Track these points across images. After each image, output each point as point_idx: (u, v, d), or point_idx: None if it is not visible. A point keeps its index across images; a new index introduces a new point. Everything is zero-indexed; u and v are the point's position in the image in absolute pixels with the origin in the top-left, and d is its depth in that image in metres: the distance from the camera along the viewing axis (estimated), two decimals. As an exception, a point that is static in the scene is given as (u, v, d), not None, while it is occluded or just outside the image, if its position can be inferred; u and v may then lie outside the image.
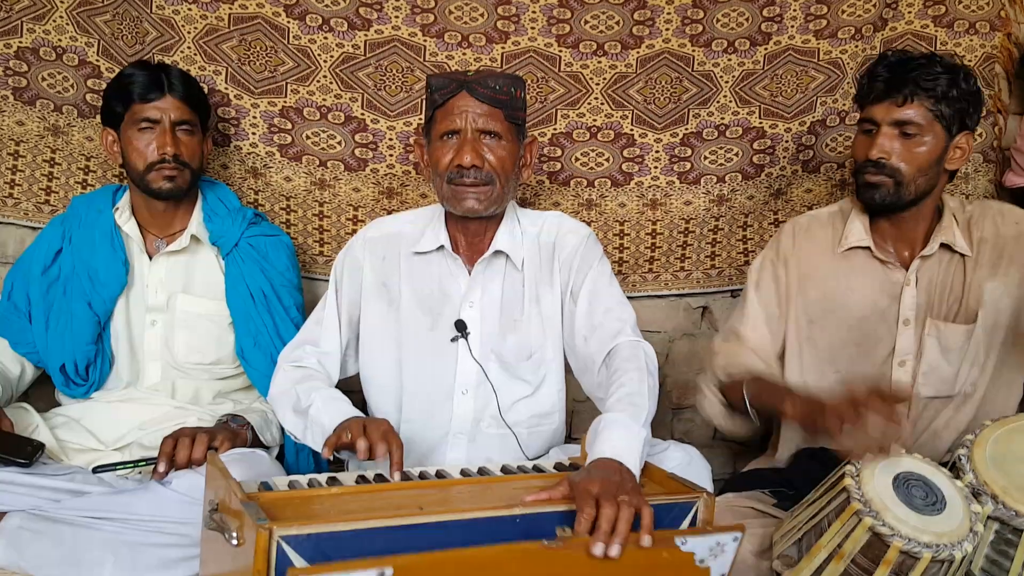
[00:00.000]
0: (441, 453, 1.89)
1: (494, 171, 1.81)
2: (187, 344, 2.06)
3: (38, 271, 2.04)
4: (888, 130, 1.86)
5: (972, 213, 1.98)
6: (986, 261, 1.93)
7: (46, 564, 1.63)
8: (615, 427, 1.53)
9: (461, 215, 1.85)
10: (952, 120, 1.85)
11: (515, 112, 1.84)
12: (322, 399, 1.75)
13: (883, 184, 1.87)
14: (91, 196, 2.13)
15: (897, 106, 1.84)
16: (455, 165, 1.79)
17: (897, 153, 1.85)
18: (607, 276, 1.91)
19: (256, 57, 2.27)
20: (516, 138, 1.86)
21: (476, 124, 1.79)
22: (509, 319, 1.89)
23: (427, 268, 1.92)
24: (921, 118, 1.84)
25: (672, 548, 1.33)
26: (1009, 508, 1.53)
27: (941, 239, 1.93)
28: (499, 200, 1.84)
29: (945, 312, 1.93)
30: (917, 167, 1.86)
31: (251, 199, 2.35)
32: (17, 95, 2.24)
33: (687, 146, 2.42)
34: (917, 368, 1.93)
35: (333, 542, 1.21)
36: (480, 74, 1.83)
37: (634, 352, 1.74)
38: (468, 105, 1.79)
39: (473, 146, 1.79)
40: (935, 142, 1.86)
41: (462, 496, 1.47)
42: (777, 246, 2.06)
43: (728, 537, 1.37)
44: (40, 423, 1.95)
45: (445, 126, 1.81)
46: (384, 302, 1.92)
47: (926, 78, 1.82)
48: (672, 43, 2.36)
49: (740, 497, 1.90)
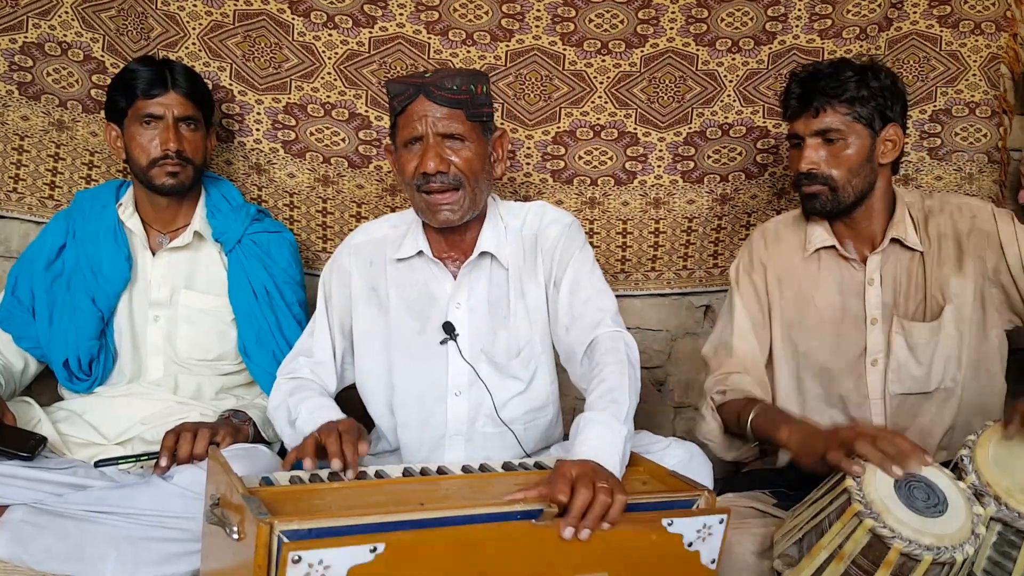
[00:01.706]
0: (440, 455, 1.88)
1: (461, 173, 1.78)
2: (189, 340, 2.06)
3: (42, 266, 2.05)
4: (812, 141, 1.91)
5: (931, 207, 1.99)
6: (948, 256, 1.94)
7: (48, 558, 1.63)
8: (595, 426, 1.52)
9: (439, 227, 1.84)
10: (872, 117, 1.90)
11: (478, 110, 1.80)
12: (307, 410, 1.75)
13: (820, 193, 1.93)
14: (95, 191, 2.14)
15: (813, 117, 1.90)
16: (420, 172, 1.77)
17: (825, 161, 1.91)
18: (588, 264, 1.89)
19: (260, 53, 2.27)
20: (482, 135, 1.82)
21: (436, 128, 1.76)
22: (497, 317, 1.88)
23: (411, 273, 1.91)
24: (838, 123, 1.89)
25: (660, 529, 1.34)
26: (1012, 510, 1.52)
27: (892, 234, 1.95)
28: (473, 204, 1.82)
29: (912, 310, 1.95)
30: (848, 169, 1.90)
31: (255, 195, 2.35)
32: (22, 90, 2.24)
33: (691, 145, 2.42)
34: (887, 366, 1.94)
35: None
36: (438, 75, 1.78)
37: (615, 344, 1.73)
38: (427, 110, 1.75)
39: (436, 151, 1.76)
40: (860, 142, 1.90)
41: (463, 492, 1.47)
42: (749, 253, 2.09)
43: (714, 519, 1.37)
44: (42, 417, 1.95)
45: (407, 133, 1.78)
46: (374, 307, 1.92)
47: (833, 85, 1.87)
48: (676, 42, 2.36)
49: (741, 497, 1.90)
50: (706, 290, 2.54)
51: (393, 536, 1.20)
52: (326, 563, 1.16)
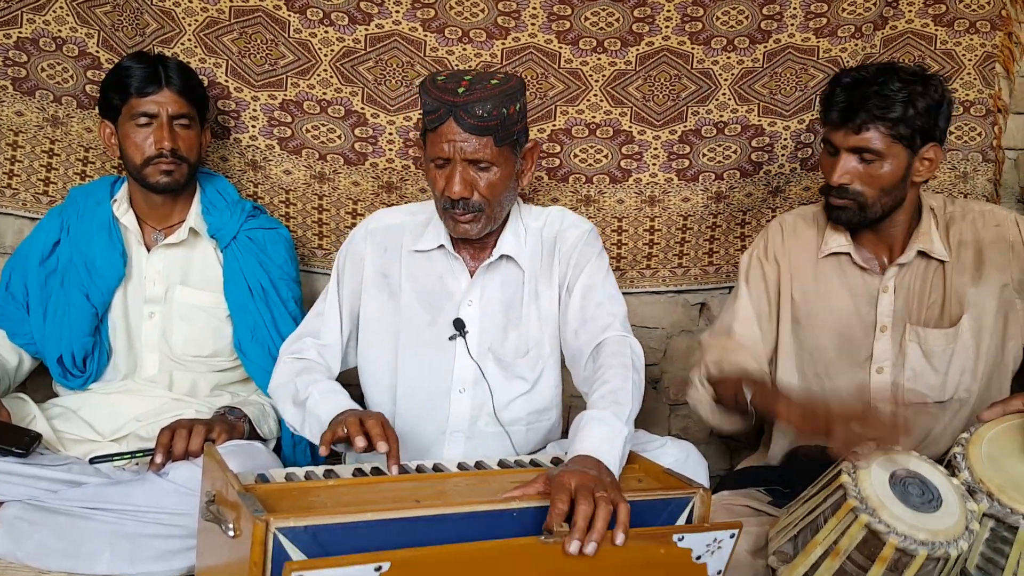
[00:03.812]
0: (438, 450, 1.88)
1: (484, 199, 1.77)
2: (185, 336, 2.05)
3: (36, 262, 2.04)
4: (848, 155, 1.83)
5: (953, 214, 1.96)
6: (968, 265, 1.91)
7: (43, 555, 1.63)
8: (596, 424, 1.52)
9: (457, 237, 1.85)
10: (913, 137, 1.81)
11: (508, 131, 1.76)
12: (320, 391, 1.74)
13: (847, 207, 1.87)
14: (89, 187, 2.13)
15: (854, 133, 1.81)
16: (446, 196, 1.77)
17: (858, 177, 1.84)
18: (603, 271, 1.90)
19: (256, 50, 2.27)
20: (511, 156, 1.80)
21: (464, 154, 1.74)
22: (509, 318, 1.88)
23: (429, 264, 1.91)
24: (879, 143, 1.80)
25: (669, 545, 1.33)
26: (1005, 506, 1.53)
27: (918, 246, 1.91)
28: (493, 220, 1.82)
29: (925, 317, 1.92)
30: (879, 189, 1.84)
31: (250, 192, 2.35)
32: (16, 85, 2.23)
33: (686, 143, 2.42)
34: (899, 375, 1.91)
35: (329, 534, 1.22)
36: (471, 95, 1.70)
37: (620, 348, 1.73)
38: (455, 135, 1.73)
39: (462, 176, 1.75)
40: (896, 163, 1.82)
41: (459, 489, 1.47)
42: (765, 244, 2.05)
43: (725, 534, 1.36)
44: (37, 413, 1.95)
45: (435, 152, 1.77)
46: (385, 293, 1.91)
47: (880, 105, 1.78)
48: (672, 40, 2.36)
49: (735, 495, 1.90)
50: (701, 288, 2.54)
51: (398, 555, 1.18)
52: None
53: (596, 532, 1.26)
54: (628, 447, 1.54)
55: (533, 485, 1.37)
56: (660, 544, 1.33)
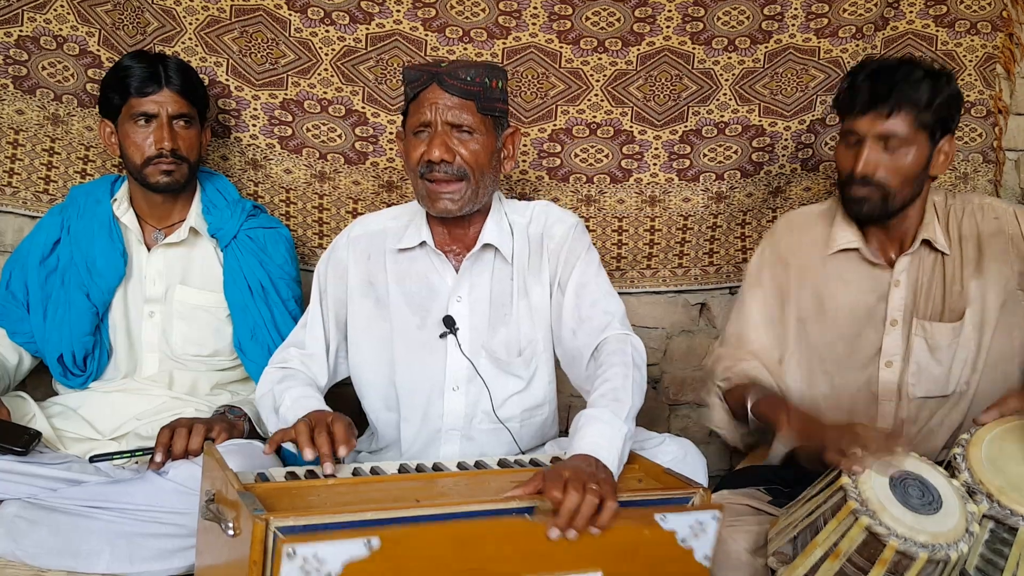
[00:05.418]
0: (435, 450, 1.87)
1: (467, 165, 1.76)
2: (185, 336, 2.05)
3: (36, 261, 2.04)
4: (873, 143, 1.82)
5: (953, 207, 1.96)
6: (970, 258, 1.92)
7: (43, 553, 1.63)
8: (595, 423, 1.52)
9: (437, 215, 1.83)
10: (935, 127, 1.82)
11: (490, 103, 1.78)
12: (291, 398, 1.73)
13: (870, 197, 1.85)
14: (90, 186, 2.13)
15: (884, 118, 1.80)
16: (425, 160, 1.76)
17: (883, 166, 1.83)
18: (595, 267, 1.89)
19: (257, 49, 2.27)
20: (492, 130, 1.81)
21: (446, 117, 1.74)
22: (499, 313, 1.87)
23: (412, 265, 1.89)
24: (906, 129, 1.80)
25: (653, 525, 1.34)
26: (1004, 507, 1.53)
27: (923, 235, 1.92)
28: (475, 197, 1.81)
29: (931, 311, 1.92)
30: (903, 178, 1.84)
31: (251, 191, 2.35)
32: (17, 84, 2.23)
33: (686, 143, 2.42)
34: (905, 369, 1.92)
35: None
36: (453, 64, 1.77)
37: (621, 346, 1.73)
38: (438, 97, 1.74)
39: (443, 139, 1.75)
40: (919, 151, 1.83)
41: (458, 488, 1.48)
42: (774, 245, 2.04)
43: (707, 515, 1.37)
44: (37, 412, 1.95)
45: (417, 119, 1.77)
46: (371, 300, 1.90)
47: (909, 87, 1.78)
48: (673, 40, 2.36)
49: (735, 494, 1.90)
50: (702, 288, 2.54)
51: (388, 530, 1.20)
52: (321, 557, 1.16)
53: (579, 521, 1.30)
54: (629, 444, 1.55)
55: (531, 484, 1.38)
56: (643, 525, 1.34)
